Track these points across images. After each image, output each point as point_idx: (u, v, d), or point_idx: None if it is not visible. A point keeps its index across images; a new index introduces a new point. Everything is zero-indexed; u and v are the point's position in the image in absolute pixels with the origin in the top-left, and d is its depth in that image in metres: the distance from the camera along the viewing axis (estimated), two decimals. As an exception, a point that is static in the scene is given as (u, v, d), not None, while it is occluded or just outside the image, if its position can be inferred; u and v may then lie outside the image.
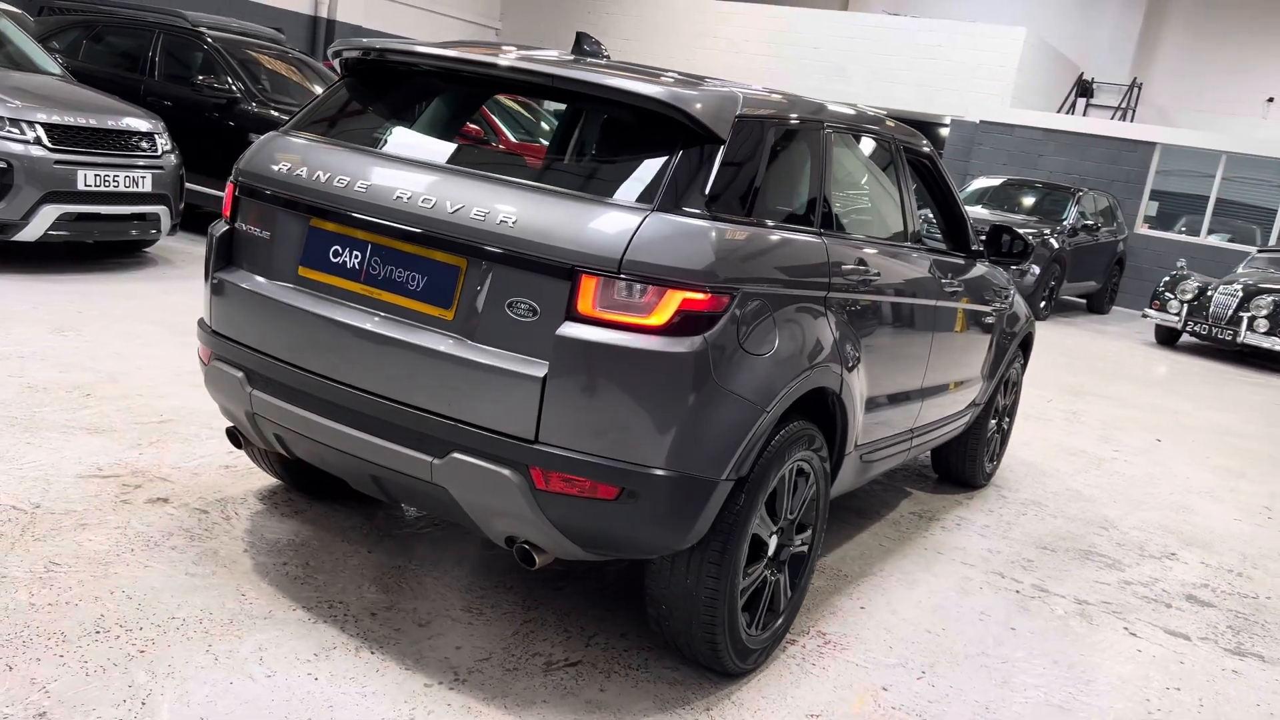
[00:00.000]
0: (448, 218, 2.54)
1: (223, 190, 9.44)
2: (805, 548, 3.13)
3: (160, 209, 7.04)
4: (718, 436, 2.55)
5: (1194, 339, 12.00)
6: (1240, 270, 12.88)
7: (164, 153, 7.06)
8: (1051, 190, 14.23)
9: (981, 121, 16.75)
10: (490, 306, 2.52)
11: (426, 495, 2.68)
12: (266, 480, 3.79)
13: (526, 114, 10.66)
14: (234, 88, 8.54)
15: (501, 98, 9.97)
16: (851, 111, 3.51)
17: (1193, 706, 3.23)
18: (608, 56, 3.26)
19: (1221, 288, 11.74)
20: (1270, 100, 19.44)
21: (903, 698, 2.99)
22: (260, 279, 2.89)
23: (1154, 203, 16.03)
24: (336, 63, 3.15)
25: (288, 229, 2.86)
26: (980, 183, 14.70)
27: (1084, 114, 19.35)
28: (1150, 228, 16.03)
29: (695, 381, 2.46)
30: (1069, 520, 4.92)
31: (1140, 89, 19.87)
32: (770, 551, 2.91)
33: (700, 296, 2.45)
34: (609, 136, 2.80)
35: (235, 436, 3.23)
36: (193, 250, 8.12)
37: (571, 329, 2.42)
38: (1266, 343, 11.26)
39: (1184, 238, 15.75)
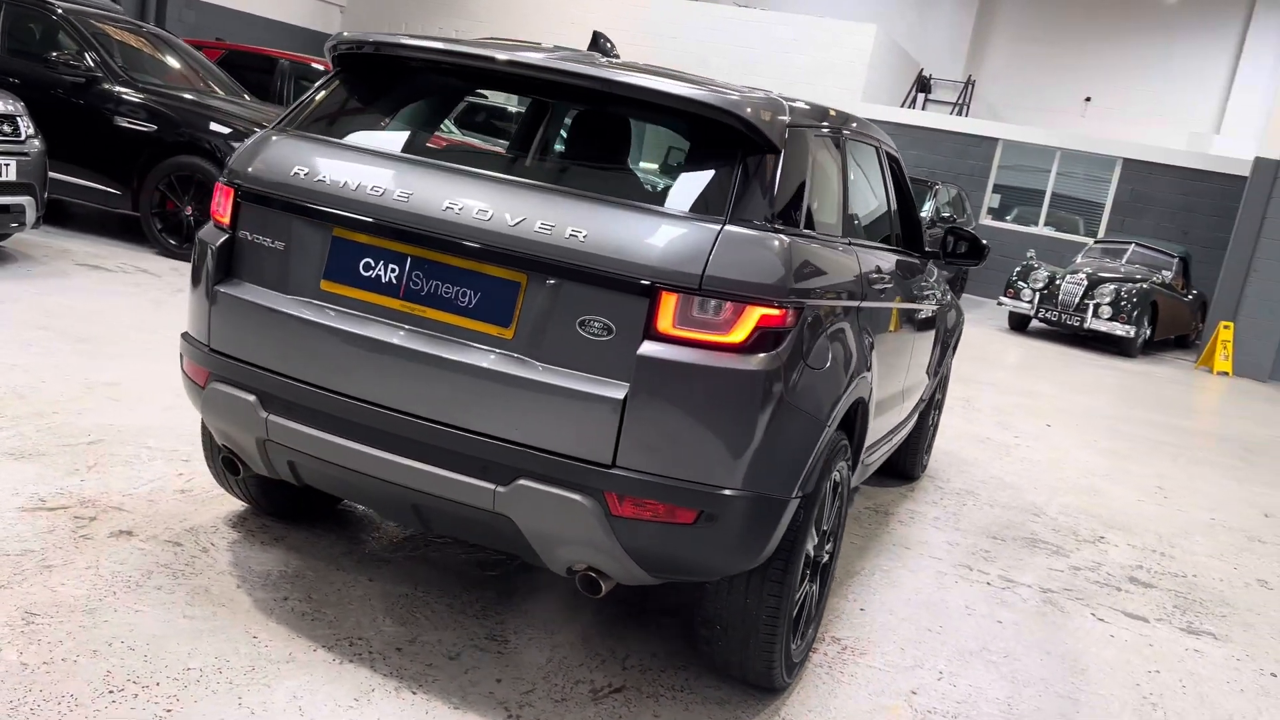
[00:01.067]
0: (509, 231, 2.39)
1: (84, 179, 8.54)
2: (828, 557, 3.13)
3: (25, 200, 6.37)
4: (790, 454, 2.51)
5: (1042, 324, 12.79)
6: (1080, 260, 13.83)
7: (27, 137, 6.40)
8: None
9: (836, 115, 17.25)
10: (557, 324, 2.38)
11: (482, 524, 2.52)
12: (232, 505, 3.49)
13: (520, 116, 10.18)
14: (92, 64, 7.83)
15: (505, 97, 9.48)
16: (855, 116, 3.52)
17: (1177, 688, 3.43)
18: (617, 55, 3.15)
19: (1068, 277, 12.56)
20: (1088, 100, 20.91)
21: (933, 700, 3.04)
22: (274, 293, 2.63)
23: (997, 195, 16.99)
24: (331, 57, 2.91)
25: (305, 239, 2.61)
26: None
27: (923, 109, 20.27)
28: (994, 219, 16.98)
29: (773, 399, 2.40)
30: (1004, 509, 5.14)
31: (974, 86, 20.99)
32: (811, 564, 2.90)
33: (775, 312, 2.40)
34: (663, 145, 2.69)
35: (234, 464, 2.92)
36: (55, 244, 7.40)
37: (653, 348, 2.31)
38: (1107, 327, 12.15)
39: (1023, 228, 16.76)
